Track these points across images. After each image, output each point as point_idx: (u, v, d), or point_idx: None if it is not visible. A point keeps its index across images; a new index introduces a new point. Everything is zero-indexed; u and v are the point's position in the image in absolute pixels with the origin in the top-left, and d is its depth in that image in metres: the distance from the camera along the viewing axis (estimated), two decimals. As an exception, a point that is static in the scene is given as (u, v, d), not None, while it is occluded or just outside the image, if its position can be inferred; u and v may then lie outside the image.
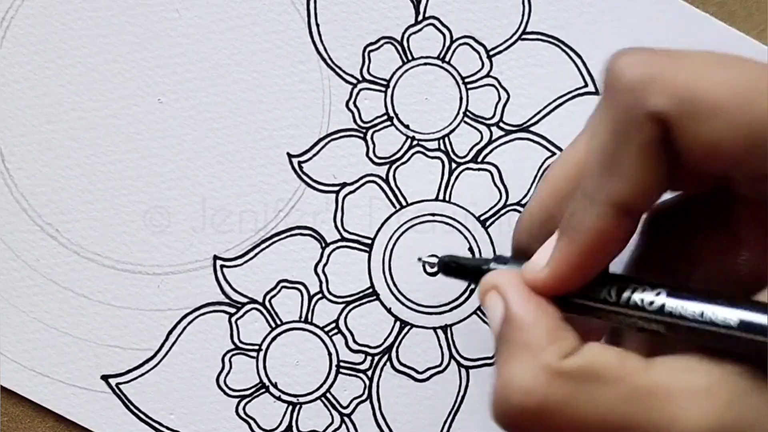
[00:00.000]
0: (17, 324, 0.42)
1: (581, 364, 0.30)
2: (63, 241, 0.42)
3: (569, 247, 0.31)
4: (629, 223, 0.31)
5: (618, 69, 0.30)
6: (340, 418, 0.42)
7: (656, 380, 0.29)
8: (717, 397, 0.29)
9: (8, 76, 0.42)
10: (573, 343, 0.30)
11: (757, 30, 0.41)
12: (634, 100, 0.29)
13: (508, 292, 0.32)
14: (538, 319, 0.31)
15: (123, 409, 0.42)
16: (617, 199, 0.30)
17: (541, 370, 0.30)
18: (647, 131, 0.29)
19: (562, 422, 0.29)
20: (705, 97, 0.29)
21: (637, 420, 0.29)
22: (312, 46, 0.42)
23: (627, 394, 0.29)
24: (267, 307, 0.42)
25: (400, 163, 0.42)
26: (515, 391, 0.30)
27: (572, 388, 0.29)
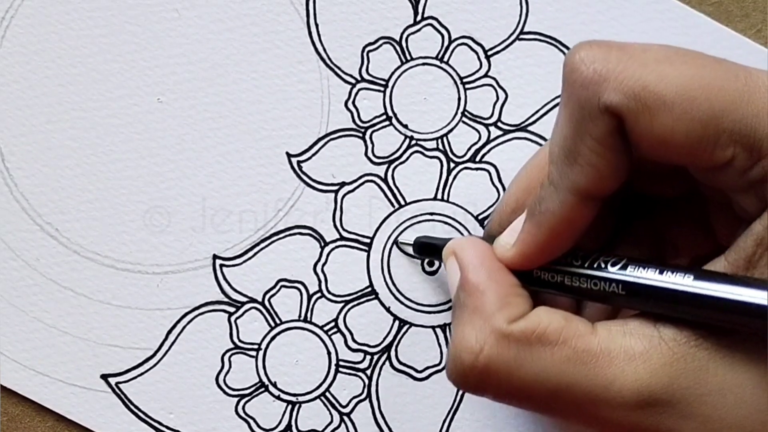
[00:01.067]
0: (17, 323, 0.42)
1: (527, 327, 0.32)
2: (63, 240, 0.42)
3: (535, 230, 0.33)
4: (590, 207, 0.33)
5: (575, 64, 0.32)
6: (340, 418, 0.42)
7: (598, 343, 0.32)
8: (651, 361, 0.31)
9: (8, 76, 0.42)
10: (522, 309, 0.33)
11: (754, 30, 0.42)
12: (589, 95, 0.31)
13: (464, 259, 0.35)
14: (489, 286, 0.34)
15: (123, 408, 0.42)
16: (578, 186, 0.32)
17: (489, 333, 0.32)
18: (602, 124, 0.31)
19: (508, 381, 0.32)
20: (653, 92, 0.30)
21: (577, 381, 0.31)
22: (311, 46, 0.42)
23: (569, 355, 0.32)
24: (266, 306, 0.42)
25: (398, 163, 0.42)
26: (466, 352, 0.32)
27: (517, 350, 0.32)
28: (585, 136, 0.31)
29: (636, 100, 0.30)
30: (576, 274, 0.33)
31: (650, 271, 0.32)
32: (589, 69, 0.31)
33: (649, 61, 0.31)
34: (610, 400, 0.31)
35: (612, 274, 0.32)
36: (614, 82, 0.31)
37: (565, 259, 0.34)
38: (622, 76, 0.31)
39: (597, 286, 0.33)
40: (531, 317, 0.32)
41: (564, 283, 0.34)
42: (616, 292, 0.32)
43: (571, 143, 0.32)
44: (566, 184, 0.32)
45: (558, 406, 0.32)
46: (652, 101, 0.30)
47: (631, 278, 0.32)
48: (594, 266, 0.33)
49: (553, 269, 0.34)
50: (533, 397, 0.32)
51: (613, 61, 0.31)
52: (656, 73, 0.31)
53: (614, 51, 0.31)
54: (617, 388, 0.31)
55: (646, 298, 0.32)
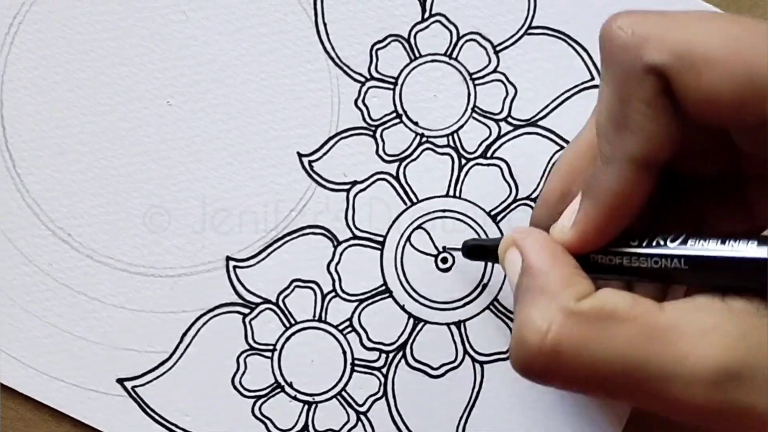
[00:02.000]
0: (31, 329, 0.42)
1: (595, 305, 0.31)
2: (75, 245, 0.42)
3: (593, 208, 0.33)
4: (648, 177, 0.32)
5: (612, 31, 0.31)
6: (356, 416, 0.42)
7: (667, 320, 0.31)
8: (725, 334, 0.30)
9: (17, 81, 0.42)
10: (587, 288, 0.32)
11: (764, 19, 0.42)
12: (631, 58, 0.31)
13: (525, 245, 0.34)
14: (554, 266, 0.32)
15: (139, 412, 0.42)
16: (633, 154, 0.31)
17: (557, 312, 0.31)
18: (648, 85, 0.31)
19: (578, 361, 0.31)
20: (698, 49, 0.30)
21: (649, 358, 0.30)
22: (320, 45, 0.42)
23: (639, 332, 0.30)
24: (280, 306, 0.42)
25: (410, 160, 0.42)
26: (532, 334, 0.31)
27: (586, 328, 0.31)
28: (632, 100, 0.31)
29: (680, 58, 0.30)
30: (635, 254, 0.33)
31: (712, 243, 0.31)
32: (628, 32, 0.31)
33: (690, 21, 0.31)
34: (685, 376, 0.30)
35: (673, 249, 0.32)
36: (656, 41, 0.30)
37: (622, 240, 0.33)
38: (665, 35, 0.30)
39: (658, 264, 0.32)
40: (598, 296, 0.31)
41: (623, 265, 0.33)
42: (679, 267, 0.32)
43: (618, 111, 0.31)
44: (619, 154, 0.31)
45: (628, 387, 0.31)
46: (697, 59, 0.30)
47: (694, 252, 0.31)
48: (653, 244, 0.32)
49: (612, 251, 0.33)
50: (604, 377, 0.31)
51: (652, 23, 0.31)
52: (699, 30, 0.30)
53: (652, 15, 0.31)
54: (691, 363, 0.30)
55: (710, 270, 0.31)
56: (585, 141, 0.36)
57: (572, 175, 0.36)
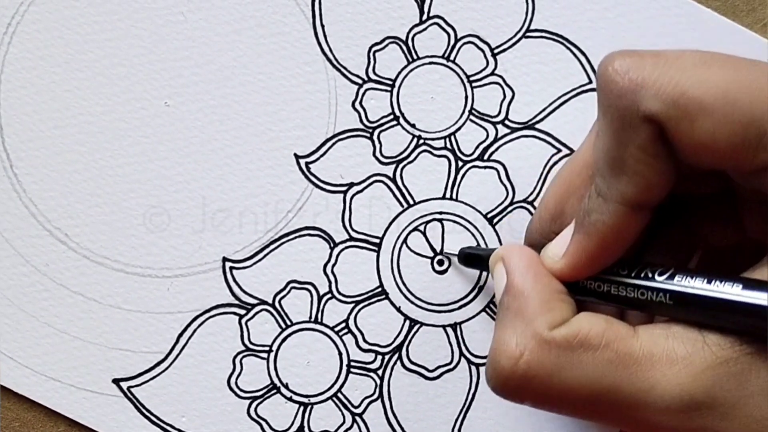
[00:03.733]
0: (28, 329, 0.42)
1: (568, 333, 0.32)
2: (72, 245, 0.42)
3: (586, 241, 0.33)
4: (641, 217, 0.33)
5: (609, 75, 0.32)
6: (352, 418, 0.42)
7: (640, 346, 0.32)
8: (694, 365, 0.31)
9: (15, 82, 0.42)
10: (565, 314, 0.33)
11: (760, 24, 0.42)
12: (627, 104, 0.31)
13: (511, 263, 0.35)
14: (534, 290, 0.33)
15: (135, 412, 0.42)
16: (628, 196, 0.32)
17: (530, 338, 0.32)
18: (643, 133, 0.31)
19: (548, 386, 0.32)
20: (692, 98, 0.30)
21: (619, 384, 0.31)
22: (317, 47, 0.42)
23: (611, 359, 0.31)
24: (277, 307, 0.42)
25: (406, 163, 0.42)
26: (506, 357, 0.32)
27: (558, 355, 0.32)
28: (628, 145, 0.31)
29: (675, 107, 0.30)
30: (623, 284, 0.33)
31: (698, 281, 0.32)
32: (624, 78, 0.31)
33: (685, 66, 0.31)
34: (651, 404, 0.31)
35: (659, 283, 0.32)
36: (652, 89, 0.31)
37: (612, 268, 0.34)
38: (660, 82, 0.31)
39: (644, 296, 0.33)
40: (573, 323, 0.32)
41: (610, 293, 0.34)
42: (664, 302, 0.32)
43: (615, 154, 0.32)
44: (615, 195, 0.32)
45: (599, 411, 0.32)
46: (691, 107, 0.30)
47: (679, 288, 0.32)
48: (641, 276, 0.33)
49: (600, 278, 0.34)
50: (574, 401, 0.32)
51: (648, 69, 0.31)
52: (694, 78, 0.30)
53: (648, 58, 0.31)
54: (659, 392, 0.31)
55: (693, 307, 0.32)
56: (581, 160, 0.36)
57: (567, 194, 0.37)
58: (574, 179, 0.36)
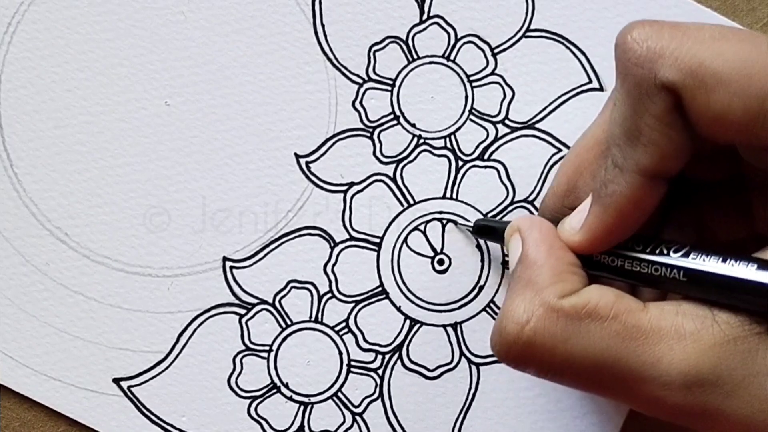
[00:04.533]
0: (28, 328, 0.42)
1: (577, 303, 0.32)
2: (72, 244, 0.42)
3: (603, 213, 0.33)
4: (658, 188, 0.33)
5: (628, 44, 0.32)
6: (352, 418, 0.42)
7: (648, 321, 0.32)
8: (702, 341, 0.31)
9: (15, 81, 0.42)
10: (575, 284, 0.33)
11: (760, 24, 0.42)
12: (644, 74, 0.31)
13: (526, 235, 0.35)
14: (547, 259, 0.34)
15: (135, 412, 0.42)
16: (643, 166, 0.32)
17: (539, 306, 0.32)
18: (660, 102, 0.31)
19: (552, 354, 0.32)
20: (710, 69, 0.30)
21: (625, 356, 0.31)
22: (318, 46, 0.42)
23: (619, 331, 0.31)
24: (277, 307, 0.42)
25: (407, 162, 0.42)
26: (512, 323, 0.32)
27: (565, 324, 0.32)
28: (644, 114, 0.31)
29: (693, 77, 0.30)
30: (637, 259, 0.33)
31: (713, 260, 0.32)
32: (643, 47, 0.31)
33: (704, 38, 0.31)
34: (656, 378, 0.31)
35: (674, 260, 0.32)
36: (670, 58, 0.31)
37: (627, 243, 0.34)
38: (678, 52, 0.31)
39: (658, 272, 0.33)
40: (582, 293, 0.32)
41: (624, 268, 0.34)
42: (677, 279, 0.32)
43: (631, 123, 0.32)
44: (631, 165, 0.32)
45: (602, 383, 0.32)
46: (708, 77, 0.30)
47: (694, 265, 0.32)
48: (656, 252, 0.33)
49: (615, 253, 0.34)
50: (578, 372, 0.32)
51: (667, 38, 0.31)
52: (712, 49, 0.30)
53: (667, 28, 0.31)
54: (664, 366, 0.31)
55: (707, 285, 0.32)
56: (593, 137, 0.36)
57: (580, 168, 0.37)
58: (587, 155, 0.36)
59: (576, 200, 0.36)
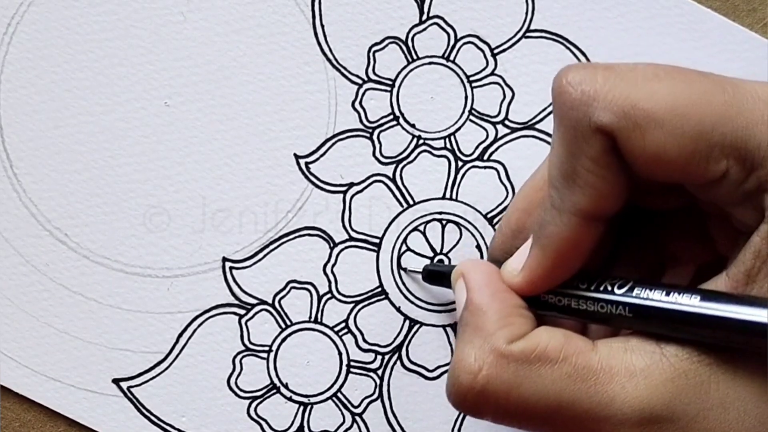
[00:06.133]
0: (28, 329, 0.42)
1: (526, 347, 0.32)
2: (72, 245, 0.42)
3: (542, 255, 0.33)
4: (595, 228, 0.33)
5: (563, 87, 0.32)
6: (352, 418, 0.42)
7: (598, 359, 0.32)
8: (653, 377, 0.31)
9: (15, 82, 0.42)
10: (523, 329, 0.33)
11: (760, 24, 0.42)
12: (579, 116, 0.31)
13: (470, 279, 0.35)
14: (492, 305, 0.34)
15: (135, 412, 0.42)
16: (581, 208, 0.32)
17: (489, 353, 0.32)
18: (595, 144, 0.31)
19: (506, 401, 0.32)
20: (643, 110, 0.30)
21: (578, 398, 0.31)
22: (317, 47, 0.42)
23: (569, 372, 0.31)
24: (277, 308, 0.42)
25: (406, 163, 0.42)
26: (464, 372, 0.32)
27: (516, 370, 0.32)
28: (580, 157, 0.31)
29: (626, 119, 0.30)
30: (582, 297, 0.33)
31: (657, 293, 0.32)
32: (577, 90, 0.31)
33: (636, 79, 0.31)
34: (611, 417, 0.31)
35: (619, 296, 0.32)
36: (603, 101, 0.31)
37: (572, 282, 0.34)
38: (611, 95, 0.31)
39: (604, 309, 0.33)
40: (531, 337, 0.32)
41: (571, 306, 0.34)
42: (623, 315, 0.32)
43: (567, 165, 0.32)
44: (568, 206, 0.32)
45: (559, 425, 0.32)
46: (642, 119, 0.30)
47: (638, 300, 0.32)
48: (600, 289, 0.33)
49: (560, 293, 0.34)
50: (533, 416, 0.32)
51: (600, 81, 0.31)
52: (644, 90, 0.31)
53: (600, 71, 0.31)
54: (618, 405, 0.31)
55: (653, 319, 0.32)
56: (542, 176, 0.36)
57: (528, 209, 0.37)
58: (535, 195, 0.36)
59: (525, 241, 0.36)
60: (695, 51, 0.41)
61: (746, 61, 0.41)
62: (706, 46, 0.41)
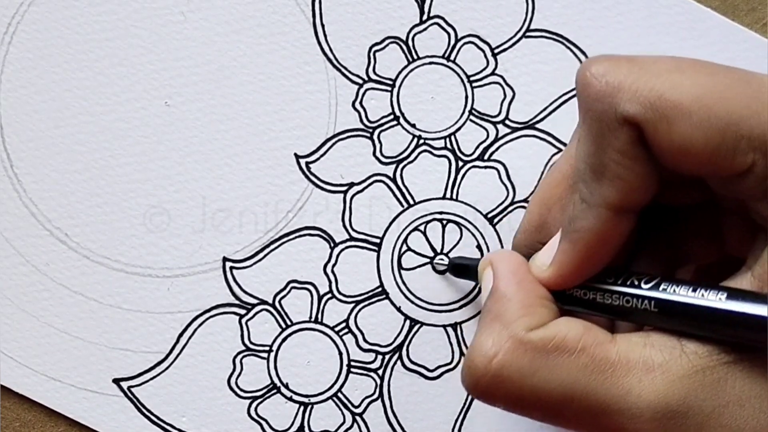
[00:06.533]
0: (28, 329, 0.42)
1: (545, 335, 0.32)
2: (72, 245, 0.42)
3: (571, 249, 0.33)
4: (625, 221, 0.33)
5: (587, 79, 0.32)
6: (352, 418, 0.42)
7: (616, 353, 0.32)
8: (671, 373, 0.31)
9: (15, 81, 0.42)
10: (544, 318, 0.33)
11: (760, 24, 0.42)
12: (605, 108, 0.31)
13: (498, 268, 0.35)
14: (516, 293, 0.34)
15: (135, 412, 0.42)
16: (610, 200, 0.32)
17: (507, 339, 0.32)
18: (623, 136, 0.31)
19: (521, 388, 0.32)
20: (670, 101, 0.30)
21: (593, 389, 0.31)
22: (317, 47, 0.42)
23: (586, 363, 0.31)
24: (277, 307, 0.42)
25: (407, 162, 0.42)
26: (480, 357, 0.32)
27: (533, 358, 0.32)
28: (608, 149, 0.31)
29: (653, 110, 0.30)
30: (608, 291, 0.33)
31: (683, 289, 0.32)
32: (602, 82, 0.31)
33: (661, 70, 0.31)
34: (625, 411, 0.31)
35: (645, 291, 0.32)
36: (629, 92, 0.31)
37: (599, 277, 0.34)
38: (636, 86, 0.31)
39: (629, 304, 0.33)
40: (551, 326, 0.32)
41: (596, 301, 0.34)
42: (649, 310, 0.32)
43: (595, 158, 0.32)
44: (597, 199, 0.32)
45: (571, 416, 0.32)
46: (669, 110, 0.30)
47: (665, 295, 0.32)
48: (627, 283, 0.33)
49: (587, 286, 0.34)
50: (546, 405, 0.32)
51: (625, 72, 0.31)
52: (670, 81, 0.31)
53: (624, 63, 0.31)
54: (633, 398, 0.31)
55: (678, 316, 0.32)
56: (560, 171, 0.36)
57: (549, 203, 0.37)
58: (556, 189, 0.36)
59: (548, 235, 0.36)
60: (695, 50, 0.41)
61: (746, 60, 0.41)
62: (705, 46, 0.41)
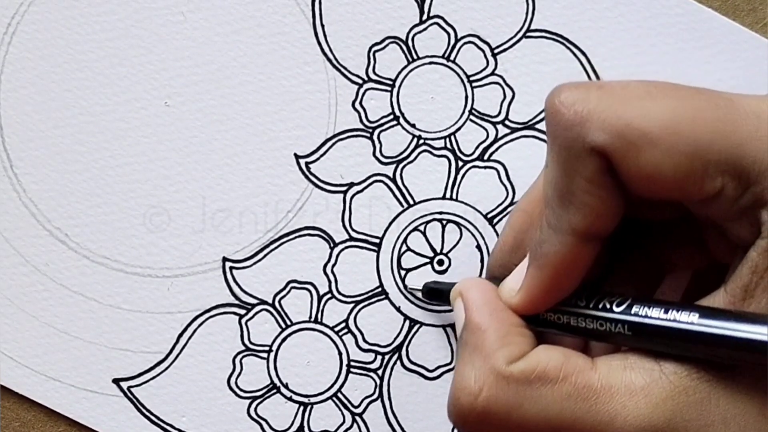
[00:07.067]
0: (28, 329, 0.42)
1: (526, 367, 0.32)
2: (72, 245, 0.42)
3: (539, 274, 0.33)
4: (591, 247, 0.33)
5: (556, 107, 0.32)
6: (352, 418, 0.42)
7: (598, 378, 0.32)
8: (653, 395, 0.31)
9: (15, 82, 0.42)
10: (523, 348, 0.33)
11: (761, 24, 0.42)
12: (573, 137, 0.31)
13: (469, 299, 0.35)
14: (491, 325, 0.34)
15: (135, 412, 0.42)
16: (577, 227, 0.32)
17: (489, 374, 0.32)
18: (590, 164, 0.31)
19: (508, 422, 0.32)
20: (637, 129, 0.30)
21: (579, 417, 0.31)
22: (317, 47, 0.42)
23: (570, 392, 0.32)
24: (277, 307, 0.42)
25: (406, 163, 0.42)
26: (465, 393, 0.32)
27: (517, 390, 0.32)
28: (575, 177, 0.31)
29: (620, 138, 0.30)
30: (581, 315, 0.33)
31: (655, 310, 0.32)
32: (570, 111, 0.31)
33: (630, 98, 0.31)
34: None
35: (617, 314, 0.32)
36: (597, 121, 0.31)
37: (570, 299, 0.34)
38: (604, 115, 0.31)
39: (603, 327, 0.33)
40: (531, 357, 0.32)
41: (570, 324, 0.34)
42: (622, 332, 0.32)
43: (562, 185, 0.32)
44: (564, 226, 0.32)
45: None
46: (636, 138, 0.30)
47: (637, 318, 0.32)
48: (599, 307, 0.33)
49: (559, 310, 0.34)
50: None
51: (594, 101, 0.31)
52: (638, 109, 0.31)
53: (593, 90, 0.31)
54: (619, 423, 0.31)
55: (651, 337, 0.32)
56: (538, 192, 0.36)
57: (525, 224, 0.37)
58: (533, 210, 0.36)
59: (521, 256, 0.36)
60: (695, 51, 0.41)
61: (746, 61, 0.41)
62: (706, 46, 0.41)
